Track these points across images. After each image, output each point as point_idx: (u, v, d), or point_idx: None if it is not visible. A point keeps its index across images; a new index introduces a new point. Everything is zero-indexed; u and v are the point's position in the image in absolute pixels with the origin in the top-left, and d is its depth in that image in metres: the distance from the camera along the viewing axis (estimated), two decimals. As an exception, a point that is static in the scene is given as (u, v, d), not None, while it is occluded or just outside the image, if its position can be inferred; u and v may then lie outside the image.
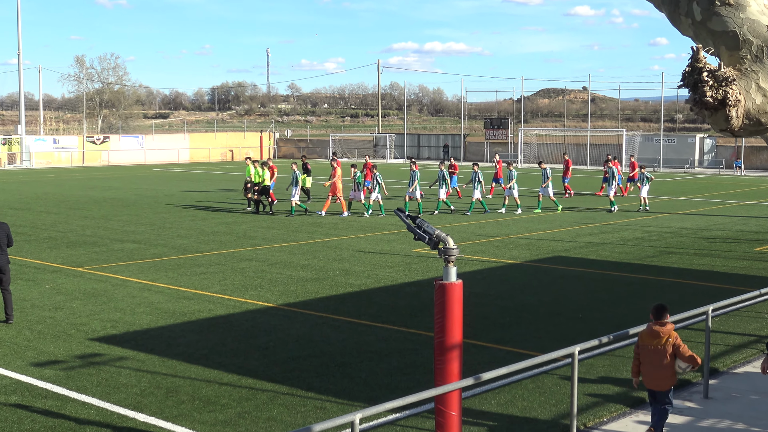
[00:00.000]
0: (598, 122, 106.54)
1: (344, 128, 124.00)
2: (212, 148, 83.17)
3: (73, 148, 75.31)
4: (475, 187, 34.04)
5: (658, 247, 24.91)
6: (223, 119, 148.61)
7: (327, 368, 12.97)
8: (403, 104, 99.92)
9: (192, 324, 15.67)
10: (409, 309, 16.91)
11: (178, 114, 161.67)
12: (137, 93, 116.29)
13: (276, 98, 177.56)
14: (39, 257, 22.79)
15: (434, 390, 8.81)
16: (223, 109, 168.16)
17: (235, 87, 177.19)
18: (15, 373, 12.70)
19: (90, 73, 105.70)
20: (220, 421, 10.75)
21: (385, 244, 25.41)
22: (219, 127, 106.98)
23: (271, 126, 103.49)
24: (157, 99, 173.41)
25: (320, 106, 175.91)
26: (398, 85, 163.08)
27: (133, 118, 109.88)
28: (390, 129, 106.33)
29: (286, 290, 18.64)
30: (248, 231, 28.32)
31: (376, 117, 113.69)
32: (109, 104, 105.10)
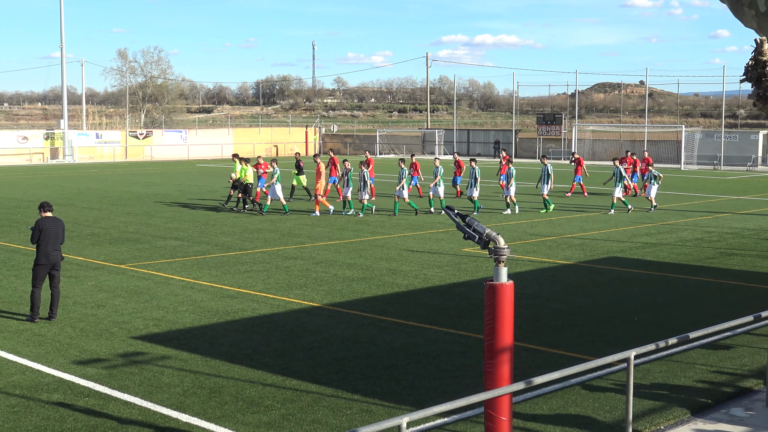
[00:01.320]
0: (655, 118, 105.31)
1: (392, 123, 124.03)
2: (256, 143, 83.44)
3: (115, 142, 76.00)
4: (472, 185, 32.70)
5: (719, 249, 24.29)
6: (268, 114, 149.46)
7: (373, 370, 12.68)
8: (453, 99, 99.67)
9: (235, 323, 15.47)
10: (458, 310, 16.57)
11: (221, 108, 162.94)
12: (180, 87, 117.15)
13: (322, 92, 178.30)
14: (81, 254, 22.78)
15: (484, 394, 8.53)
16: (268, 103, 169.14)
17: (280, 81, 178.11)
18: (57, 371, 12.59)
19: (133, 66, 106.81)
20: (264, 423, 10.51)
21: (433, 243, 25.08)
22: (263, 122, 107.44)
23: (317, 121, 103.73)
24: (200, 93, 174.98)
25: (367, 100, 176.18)
26: (448, 79, 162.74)
27: (177, 113, 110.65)
28: (439, 124, 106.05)
29: (331, 290, 18.39)
30: (293, 229, 28.15)
31: (424, 112, 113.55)
32: (152, 98, 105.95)
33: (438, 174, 32.78)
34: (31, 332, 14.79)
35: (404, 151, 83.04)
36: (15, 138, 72.32)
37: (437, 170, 32.87)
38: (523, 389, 9.73)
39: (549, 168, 34.23)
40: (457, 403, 7.96)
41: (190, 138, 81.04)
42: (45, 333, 14.73)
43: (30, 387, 11.86)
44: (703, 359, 13.27)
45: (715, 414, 11.02)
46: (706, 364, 13.03)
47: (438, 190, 32.73)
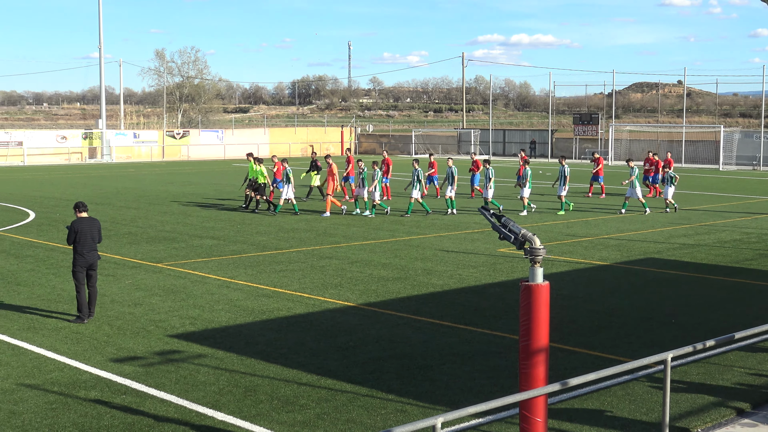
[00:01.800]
0: (693, 118, 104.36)
1: (427, 123, 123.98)
2: (292, 143, 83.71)
3: (152, 142, 76.57)
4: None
5: (758, 250, 24.00)
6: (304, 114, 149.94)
7: (408, 370, 12.66)
8: (489, 99, 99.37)
9: (271, 322, 15.51)
10: (494, 311, 16.50)
11: (258, 108, 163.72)
12: (217, 87, 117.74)
13: (357, 92, 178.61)
14: (119, 252, 22.96)
15: (519, 395, 8.48)
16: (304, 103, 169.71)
17: (316, 81, 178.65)
18: (95, 368, 12.69)
19: (170, 66, 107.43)
20: (299, 422, 10.52)
21: (468, 243, 25.01)
22: (299, 122, 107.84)
23: (352, 121, 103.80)
24: (237, 93, 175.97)
25: (403, 100, 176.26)
26: (483, 78, 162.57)
27: (213, 113, 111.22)
28: (475, 124, 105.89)
29: (366, 289, 18.39)
30: (328, 228, 28.19)
31: (460, 112, 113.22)
32: (189, 98, 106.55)
33: (454, 174, 32.49)
34: (69, 330, 14.93)
35: (439, 151, 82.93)
36: (54, 138, 73.11)
37: (450, 170, 32.60)
38: (559, 390, 9.66)
39: (566, 169, 33.77)
40: (492, 404, 7.93)
41: (226, 138, 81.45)
42: (83, 331, 14.86)
43: (68, 384, 11.97)
44: (741, 362, 13.12)
45: (754, 417, 10.89)
46: (744, 367, 12.88)
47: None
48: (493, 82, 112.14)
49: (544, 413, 9.31)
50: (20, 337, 14.40)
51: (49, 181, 49.76)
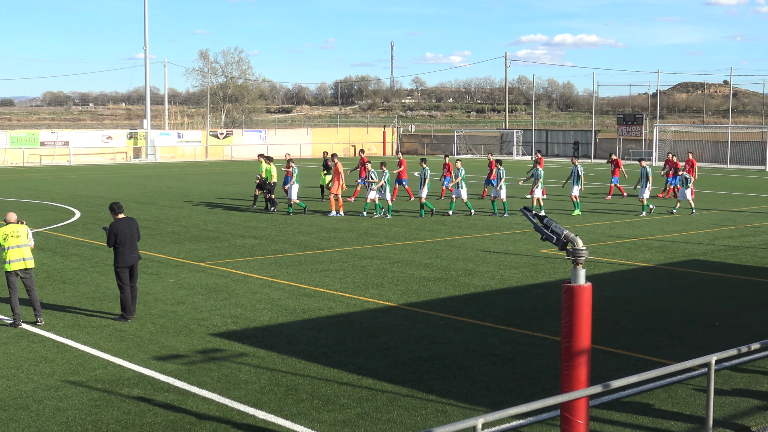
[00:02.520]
0: (739, 118, 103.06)
1: (470, 123, 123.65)
2: (335, 143, 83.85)
3: (196, 142, 77.13)
4: (501, 186, 31.80)
5: (801, 251, 23.67)
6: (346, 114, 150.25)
7: (449, 371, 12.65)
8: (532, 99, 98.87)
9: (312, 322, 15.56)
10: (535, 312, 16.43)
11: (300, 108, 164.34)
12: (260, 87, 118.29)
13: (400, 92, 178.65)
14: (162, 251, 23.16)
15: (560, 397, 8.44)
16: (346, 103, 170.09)
17: (359, 81, 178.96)
18: (138, 366, 12.81)
19: (214, 67, 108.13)
20: (339, 421, 10.55)
21: (510, 244, 24.91)
22: (341, 122, 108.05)
23: (395, 121, 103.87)
24: (280, 93, 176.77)
25: (445, 100, 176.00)
26: (526, 78, 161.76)
27: (256, 113, 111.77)
28: (517, 125, 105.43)
29: (407, 290, 18.39)
30: (370, 228, 28.22)
31: (502, 112, 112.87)
32: (232, 98, 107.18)
33: (459, 175, 31.94)
34: (113, 328, 15.08)
35: (482, 152, 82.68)
36: (100, 137, 73.92)
37: (459, 172, 32.02)
38: (601, 392, 9.61)
39: (579, 169, 33.33)
40: (533, 405, 7.89)
41: (269, 138, 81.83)
42: (126, 329, 15.01)
43: (111, 381, 12.10)
44: (787, 365, 12.95)
45: (800, 422, 10.73)
46: (790, 371, 12.70)
47: (461, 192, 31.88)
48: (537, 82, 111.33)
49: (585, 415, 9.25)
50: (65, 335, 14.58)
51: (95, 180, 50.33)
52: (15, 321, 15.16)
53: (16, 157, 68.70)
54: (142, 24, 74.87)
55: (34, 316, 15.37)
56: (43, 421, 10.54)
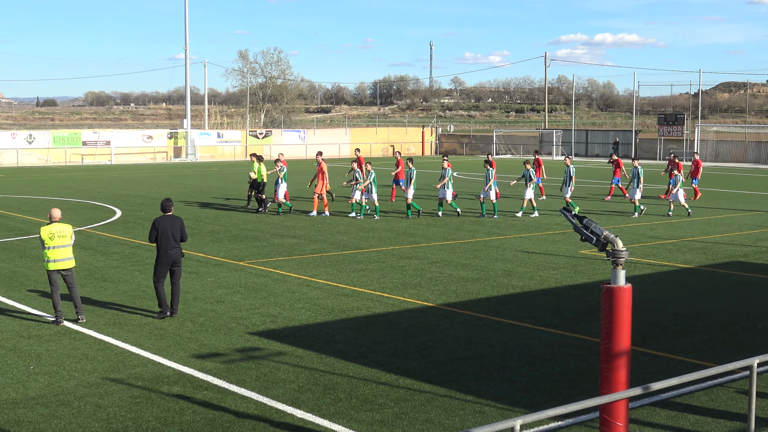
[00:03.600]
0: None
1: (509, 123, 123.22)
2: (373, 143, 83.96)
3: (236, 142, 77.52)
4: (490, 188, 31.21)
5: None
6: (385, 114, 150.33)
7: (487, 371, 12.61)
8: (571, 99, 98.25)
9: (350, 321, 15.59)
10: (574, 313, 16.33)
11: (339, 108, 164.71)
12: (299, 87, 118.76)
13: (439, 92, 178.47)
14: (202, 250, 23.30)
15: (600, 398, 8.39)
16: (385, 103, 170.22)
17: (397, 81, 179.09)
18: (177, 364, 12.90)
19: (253, 67, 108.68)
20: (377, 421, 10.55)
21: (549, 244, 24.79)
22: (380, 122, 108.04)
23: (433, 121, 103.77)
24: (318, 93, 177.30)
25: (484, 100, 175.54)
26: (566, 78, 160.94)
27: (295, 113, 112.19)
28: (557, 125, 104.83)
29: (446, 290, 18.36)
30: (408, 228, 28.21)
31: (542, 112, 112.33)
32: (271, 98, 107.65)
33: (446, 176, 31.10)
34: (153, 326, 15.20)
35: (521, 152, 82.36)
36: (140, 137, 74.54)
37: (445, 172, 31.18)
38: (640, 395, 9.54)
39: (572, 170, 32.58)
40: (572, 407, 7.85)
41: (308, 138, 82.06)
42: (166, 327, 15.12)
43: (151, 379, 12.19)
44: (831, 369, 12.77)
45: (844, 426, 10.58)
46: (834, 374, 12.52)
47: (446, 192, 31.17)
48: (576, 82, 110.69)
49: (624, 417, 9.20)
50: (106, 332, 14.72)
51: (135, 179, 50.76)
52: (57, 318, 15.33)
53: (59, 157, 69.50)
54: (183, 25, 75.38)
55: (75, 313, 15.53)
56: (84, 418, 10.65)
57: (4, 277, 19.65)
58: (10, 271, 20.38)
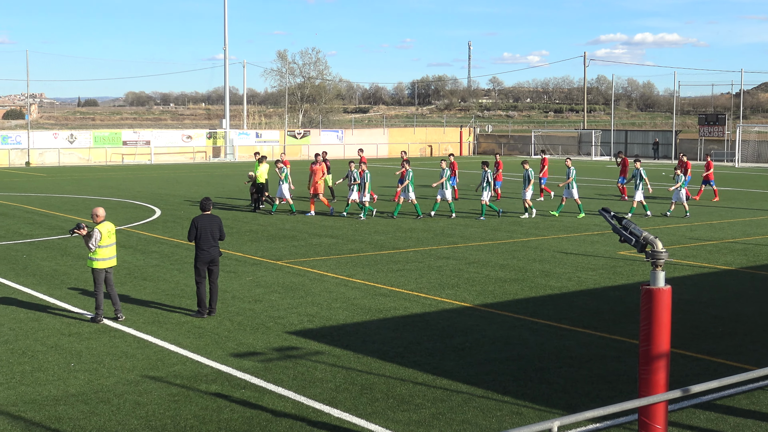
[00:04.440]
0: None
1: (547, 124, 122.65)
2: (411, 143, 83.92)
3: (274, 141, 77.84)
4: (484, 189, 30.86)
5: None
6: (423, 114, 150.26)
7: (524, 372, 12.55)
8: (611, 99, 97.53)
9: (387, 321, 15.59)
10: (613, 314, 16.21)
11: (377, 108, 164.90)
12: (338, 87, 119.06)
13: (477, 92, 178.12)
14: (240, 249, 23.42)
15: (638, 401, 8.31)
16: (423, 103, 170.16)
17: (436, 81, 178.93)
18: (215, 362, 12.97)
19: (292, 67, 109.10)
20: (414, 421, 10.54)
21: (588, 245, 24.63)
22: (418, 122, 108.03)
23: (472, 121, 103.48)
24: (357, 93, 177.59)
25: (522, 100, 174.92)
26: (605, 78, 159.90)
27: (333, 113, 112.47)
28: (596, 125, 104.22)
29: (483, 290, 18.31)
30: (446, 228, 28.16)
31: (581, 112, 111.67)
32: (309, 99, 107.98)
33: (444, 176, 30.82)
34: (192, 324, 15.31)
35: (560, 152, 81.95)
36: (180, 137, 75.13)
37: (443, 172, 30.87)
38: (680, 397, 9.44)
39: (572, 171, 31.80)
40: (610, 409, 7.79)
41: (346, 137, 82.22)
42: (204, 326, 15.22)
43: (190, 377, 12.28)
44: None
45: None
46: None
47: (446, 193, 30.95)
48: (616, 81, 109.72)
49: (663, 420, 9.13)
50: (145, 331, 14.85)
51: (175, 179, 51.15)
52: (97, 316, 15.48)
53: (100, 156, 70.20)
54: (222, 25, 75.86)
55: (114, 311, 15.66)
56: (124, 415, 10.74)
57: (45, 275, 19.89)
58: (52, 270, 20.62)
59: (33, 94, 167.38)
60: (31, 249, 23.84)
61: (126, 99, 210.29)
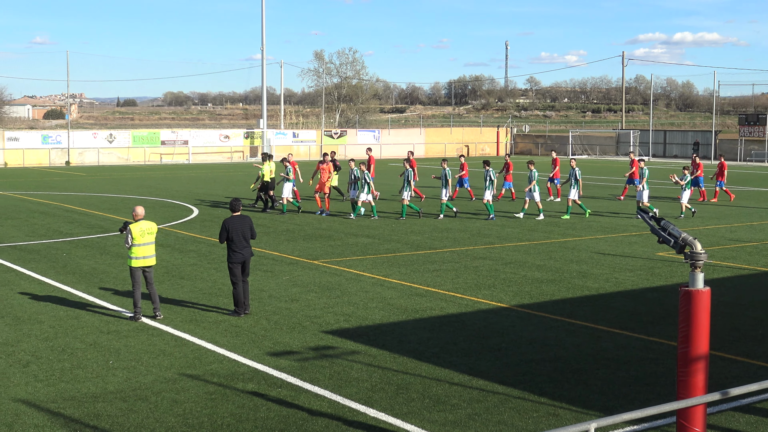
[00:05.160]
0: None
1: (585, 124, 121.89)
2: (447, 143, 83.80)
3: (311, 141, 78.08)
4: (486, 188, 30.65)
5: None
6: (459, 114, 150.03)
7: (561, 373, 12.49)
8: (649, 99, 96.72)
9: (424, 321, 15.58)
10: (651, 316, 16.08)
11: (414, 108, 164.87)
12: (374, 87, 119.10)
13: (514, 92, 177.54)
14: (277, 249, 23.50)
15: (676, 403, 8.23)
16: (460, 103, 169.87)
17: (473, 81, 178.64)
18: (252, 361, 13.03)
19: (329, 67, 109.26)
20: (450, 422, 10.53)
21: (626, 246, 24.45)
22: (455, 122, 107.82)
23: (509, 121, 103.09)
24: (393, 93, 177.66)
25: (560, 100, 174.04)
26: (644, 78, 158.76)
27: (370, 113, 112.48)
28: (634, 125, 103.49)
29: (520, 291, 18.24)
30: (482, 229, 28.09)
31: (619, 112, 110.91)
32: (346, 98, 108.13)
33: (447, 177, 30.54)
34: (229, 323, 15.39)
35: (597, 153, 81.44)
36: (217, 137, 75.57)
37: (446, 173, 30.57)
38: (719, 400, 9.36)
39: (577, 172, 31.31)
40: (648, 411, 7.73)
41: (382, 137, 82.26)
42: (241, 324, 15.29)
43: (227, 376, 12.34)
44: None
45: None
46: None
47: (443, 192, 30.60)
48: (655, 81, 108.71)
49: (702, 423, 9.04)
50: (183, 329, 14.95)
51: (212, 179, 51.45)
52: (135, 314, 15.61)
53: (138, 156, 70.80)
54: (260, 26, 76.16)
55: (153, 310, 15.79)
56: (161, 413, 10.82)
57: (84, 274, 20.09)
58: (91, 268, 20.83)
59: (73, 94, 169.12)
60: (71, 247, 24.10)
61: (164, 99, 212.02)
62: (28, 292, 18.02)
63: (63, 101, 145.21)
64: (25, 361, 13.07)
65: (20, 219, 30.73)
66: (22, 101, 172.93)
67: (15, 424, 10.48)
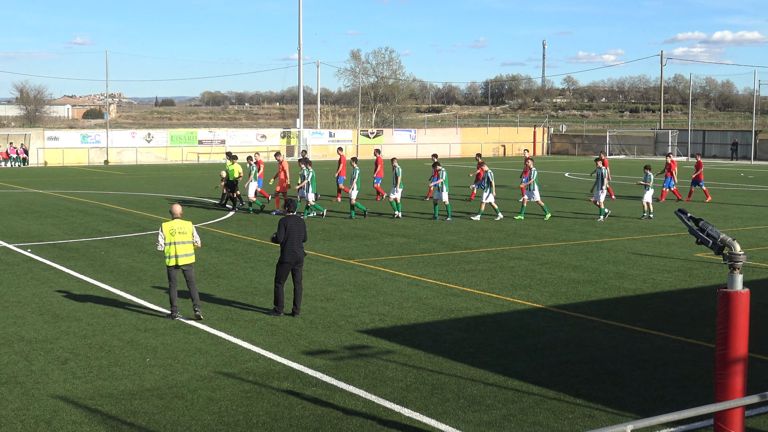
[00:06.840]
0: None
1: (622, 123, 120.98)
2: (484, 142, 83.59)
3: (347, 141, 78.27)
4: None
5: None
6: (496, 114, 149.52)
7: (597, 375, 12.42)
8: (688, 98, 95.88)
9: (459, 321, 15.55)
10: (689, 317, 15.94)
11: (450, 108, 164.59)
12: (411, 87, 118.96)
13: (551, 92, 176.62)
14: (313, 248, 23.54)
15: (714, 406, 8.15)
16: (496, 103, 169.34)
17: (509, 80, 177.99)
18: (287, 360, 13.08)
19: (365, 67, 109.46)
20: (485, 422, 10.50)
21: (663, 247, 24.25)
22: (491, 122, 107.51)
23: (546, 121, 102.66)
24: (430, 93, 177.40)
25: (597, 100, 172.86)
26: (683, 77, 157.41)
27: (407, 112, 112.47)
28: (672, 125, 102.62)
29: (556, 291, 18.15)
30: (518, 229, 27.99)
31: (657, 112, 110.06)
32: (383, 98, 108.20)
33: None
34: (265, 322, 15.45)
35: (635, 153, 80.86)
36: (254, 136, 76.02)
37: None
38: (757, 403, 9.25)
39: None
40: (685, 414, 7.66)
41: (419, 137, 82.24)
42: (277, 323, 15.35)
43: (262, 374, 12.39)
44: None
45: None
46: None
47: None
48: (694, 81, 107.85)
49: (740, 426, 8.96)
50: (219, 328, 15.03)
51: (249, 178, 51.60)
52: (172, 313, 15.71)
53: (176, 155, 71.32)
54: (297, 26, 76.45)
55: (193, 308, 15.82)
56: (197, 411, 10.89)
57: (122, 272, 20.27)
58: (129, 266, 21.01)
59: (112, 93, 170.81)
60: (109, 246, 24.32)
61: (202, 99, 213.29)
62: (66, 290, 18.21)
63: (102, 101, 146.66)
64: (64, 359, 13.21)
65: (60, 217, 31.07)
66: (62, 101, 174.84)
67: (53, 420, 10.60)
